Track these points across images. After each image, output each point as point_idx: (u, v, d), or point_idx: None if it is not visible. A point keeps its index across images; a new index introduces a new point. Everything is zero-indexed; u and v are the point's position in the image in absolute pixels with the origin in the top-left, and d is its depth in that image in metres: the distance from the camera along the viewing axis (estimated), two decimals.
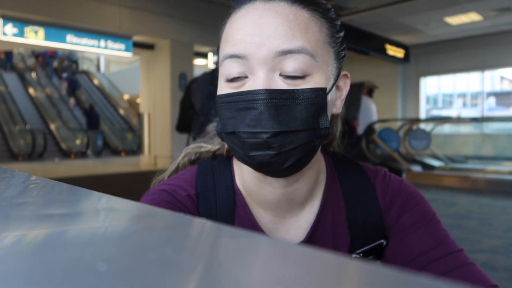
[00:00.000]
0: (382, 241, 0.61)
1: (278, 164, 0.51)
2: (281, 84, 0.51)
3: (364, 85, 6.42)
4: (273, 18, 0.51)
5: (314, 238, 0.61)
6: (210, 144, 0.69)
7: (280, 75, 0.51)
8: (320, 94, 0.52)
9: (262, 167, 0.52)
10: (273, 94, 0.49)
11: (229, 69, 0.53)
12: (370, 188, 0.63)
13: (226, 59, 0.53)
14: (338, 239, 0.61)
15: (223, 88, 0.55)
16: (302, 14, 0.53)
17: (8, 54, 13.27)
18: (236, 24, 0.53)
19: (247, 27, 0.52)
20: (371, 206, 0.62)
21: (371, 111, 6.47)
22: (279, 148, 0.50)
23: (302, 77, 0.51)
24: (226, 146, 0.66)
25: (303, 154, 0.52)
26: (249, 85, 0.52)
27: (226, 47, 0.54)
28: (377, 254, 0.62)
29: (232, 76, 0.53)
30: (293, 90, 0.50)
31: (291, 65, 0.50)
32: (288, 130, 0.49)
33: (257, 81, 0.51)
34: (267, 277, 0.16)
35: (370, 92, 6.42)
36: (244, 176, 0.61)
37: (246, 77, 0.53)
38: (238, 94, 0.51)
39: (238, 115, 0.51)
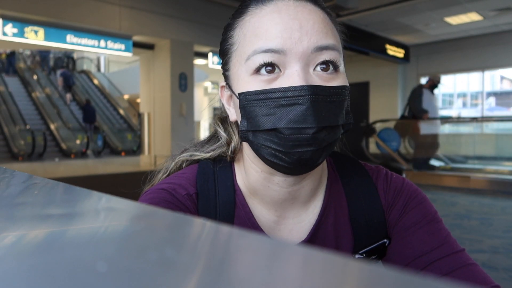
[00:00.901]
0: (385, 240, 0.61)
1: (315, 160, 0.52)
2: (316, 79, 0.52)
3: (429, 79, 6.30)
4: (309, 15, 0.53)
5: (316, 238, 0.61)
6: (202, 153, 0.67)
7: (314, 70, 0.52)
8: (347, 91, 0.54)
9: (300, 164, 0.52)
10: (317, 90, 0.50)
11: (261, 62, 0.52)
12: (372, 187, 0.63)
13: (259, 53, 0.52)
14: (340, 239, 0.61)
15: (251, 84, 0.53)
16: (326, 16, 0.55)
17: (11, 59, 13.12)
18: (269, 19, 0.53)
19: (284, 21, 0.52)
20: (373, 206, 0.62)
21: (434, 105, 6.31)
22: (320, 143, 0.51)
23: (333, 74, 0.53)
24: (229, 152, 0.64)
25: (331, 149, 0.54)
26: (283, 80, 0.51)
27: (258, 41, 0.52)
28: (379, 254, 0.62)
29: (265, 71, 0.52)
30: (332, 86, 0.52)
31: (327, 59, 0.52)
32: (329, 126, 0.51)
33: (294, 76, 0.51)
34: (267, 278, 0.16)
35: (432, 87, 6.27)
36: (249, 176, 0.60)
37: (278, 70, 0.52)
38: (279, 90, 0.50)
39: (278, 111, 0.50)
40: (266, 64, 0.52)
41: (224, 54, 0.60)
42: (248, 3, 0.56)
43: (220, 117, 0.69)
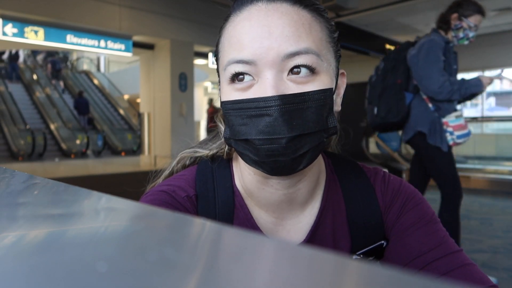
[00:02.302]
0: (382, 242, 0.61)
1: (293, 168, 0.52)
2: (290, 85, 0.51)
3: None
4: (279, 19, 0.51)
5: (314, 239, 0.61)
6: (205, 149, 0.68)
7: (288, 75, 0.51)
8: (327, 94, 0.52)
9: (277, 171, 0.52)
10: (286, 100, 0.49)
11: (233, 72, 0.52)
12: (369, 189, 0.63)
13: (232, 64, 0.52)
14: (338, 241, 0.61)
15: (229, 93, 0.53)
16: (304, 14, 0.53)
17: (14, 65, 12.92)
18: (241, 27, 0.52)
19: (253, 30, 0.51)
20: (371, 207, 0.62)
21: None
22: (294, 152, 0.50)
23: (310, 77, 0.51)
24: (226, 148, 0.66)
25: (315, 155, 0.53)
26: (257, 89, 0.51)
27: (232, 52, 0.52)
28: (377, 255, 0.62)
29: (240, 80, 0.52)
30: (303, 93, 0.50)
31: (300, 65, 0.51)
32: (302, 134, 0.50)
33: (266, 84, 0.50)
34: (267, 278, 0.16)
35: None
36: (244, 178, 0.61)
37: (252, 78, 0.52)
38: (249, 101, 0.50)
39: (250, 122, 0.51)
40: (239, 74, 0.52)
41: (216, 60, 0.60)
42: (231, 10, 0.56)
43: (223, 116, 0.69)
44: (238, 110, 0.52)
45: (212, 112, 10.36)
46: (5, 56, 13.34)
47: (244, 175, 0.60)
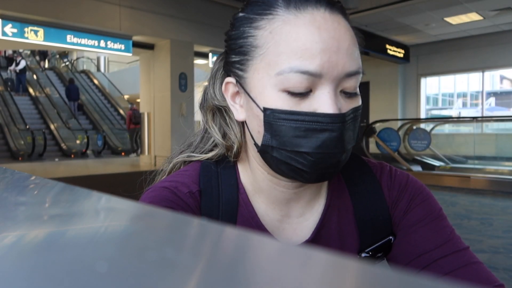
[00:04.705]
0: (390, 237, 0.61)
1: (332, 177, 0.54)
2: (342, 101, 0.52)
3: None
4: (344, 34, 0.51)
5: (319, 237, 0.60)
6: (199, 154, 0.64)
7: (341, 92, 0.52)
8: (361, 111, 0.55)
9: (319, 180, 0.54)
10: (346, 118, 0.51)
11: (295, 83, 0.50)
12: (376, 184, 0.62)
13: (296, 73, 0.49)
14: (345, 238, 0.61)
15: (279, 100, 0.51)
16: (351, 28, 0.54)
17: (20, 76, 12.68)
18: (308, 34, 0.49)
19: (324, 41, 0.49)
20: (377, 203, 0.61)
21: None
22: (341, 164, 0.53)
23: (355, 95, 0.54)
24: (232, 155, 0.61)
25: None
26: (313, 101, 0.50)
27: (296, 59, 0.49)
28: (385, 251, 0.62)
29: (298, 91, 0.50)
30: (353, 109, 0.52)
31: (353, 85, 0.52)
32: (350, 147, 0.53)
33: (326, 99, 0.50)
34: (267, 278, 0.16)
35: None
36: (256, 175, 0.60)
37: (309, 89, 0.50)
38: (313, 115, 0.50)
39: (309, 135, 0.50)
40: (301, 88, 0.50)
41: (241, 52, 0.55)
42: (275, 3, 0.52)
43: (213, 110, 0.64)
44: (295, 122, 0.50)
45: (131, 115, 10.32)
46: (11, 67, 13.07)
47: (256, 173, 0.60)
